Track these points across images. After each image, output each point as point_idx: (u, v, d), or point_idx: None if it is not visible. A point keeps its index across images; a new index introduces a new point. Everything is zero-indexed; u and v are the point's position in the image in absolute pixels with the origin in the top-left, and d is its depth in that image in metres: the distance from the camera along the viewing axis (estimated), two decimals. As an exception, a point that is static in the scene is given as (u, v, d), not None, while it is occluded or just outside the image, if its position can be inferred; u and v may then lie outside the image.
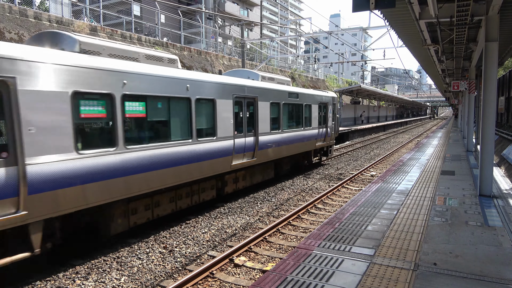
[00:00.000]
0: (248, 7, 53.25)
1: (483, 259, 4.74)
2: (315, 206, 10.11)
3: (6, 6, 14.95)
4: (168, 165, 7.68)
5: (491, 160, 7.94)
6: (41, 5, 20.63)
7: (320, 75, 49.18)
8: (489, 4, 7.33)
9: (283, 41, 70.73)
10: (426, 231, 5.88)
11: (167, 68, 7.90)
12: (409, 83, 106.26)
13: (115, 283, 5.73)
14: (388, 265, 4.62)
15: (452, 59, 14.57)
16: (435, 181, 9.97)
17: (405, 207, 7.34)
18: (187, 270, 6.21)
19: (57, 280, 5.80)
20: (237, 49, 33.55)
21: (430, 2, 6.69)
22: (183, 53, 24.29)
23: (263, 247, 7.30)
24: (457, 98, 36.45)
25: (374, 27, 20.29)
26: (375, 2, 5.54)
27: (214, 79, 9.24)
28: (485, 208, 7.17)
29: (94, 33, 18.37)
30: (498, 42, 7.66)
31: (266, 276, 4.36)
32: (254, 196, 11.23)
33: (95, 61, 6.32)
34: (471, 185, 9.27)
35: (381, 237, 5.64)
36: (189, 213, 9.43)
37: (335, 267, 4.59)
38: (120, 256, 6.71)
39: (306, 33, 31.04)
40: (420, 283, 4.12)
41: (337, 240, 5.55)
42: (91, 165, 6.13)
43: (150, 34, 26.12)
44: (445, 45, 11.20)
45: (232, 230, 8.23)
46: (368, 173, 15.26)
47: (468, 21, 7.95)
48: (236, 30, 38.80)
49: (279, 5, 78.28)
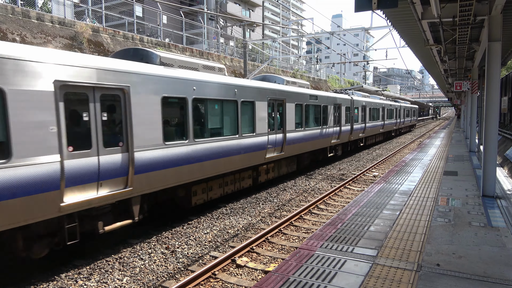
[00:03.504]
0: (250, 7, 53.29)
1: (486, 260, 4.71)
2: (317, 207, 10.09)
3: (9, 7, 15.00)
4: (222, 156, 9.37)
5: (494, 161, 7.90)
6: (43, 6, 20.71)
7: (322, 75, 49.11)
8: (492, 4, 7.30)
9: (285, 42, 70.74)
10: (429, 231, 5.85)
11: (220, 75, 9.55)
12: (411, 84, 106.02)
13: (117, 284, 5.73)
14: (391, 266, 4.60)
15: (455, 59, 14.51)
16: (438, 181, 9.94)
17: (408, 208, 7.31)
18: (189, 271, 6.21)
19: (59, 281, 5.81)
20: (239, 49, 33.55)
21: (432, 2, 6.66)
22: (185, 53, 24.32)
23: (265, 247, 7.29)
24: (459, 98, 36.32)
25: (376, 27, 20.23)
26: (377, 2, 5.52)
27: (254, 84, 10.95)
28: (488, 208, 7.13)
29: (97, 34, 18.42)
30: (501, 42, 7.63)
31: (268, 277, 4.35)
32: (256, 196, 11.22)
33: (175, 72, 7.97)
34: (474, 186, 9.23)
35: (383, 237, 5.62)
36: (191, 213, 9.43)
37: (338, 268, 4.58)
38: (122, 257, 6.72)
39: (308, 33, 31.01)
40: (423, 284, 4.09)
41: (339, 240, 5.53)
42: (172, 153, 7.81)
43: (152, 35, 26.16)
44: (448, 45, 11.16)
45: (234, 230, 8.23)
46: (371, 173, 15.22)
47: (471, 21, 7.91)
48: (238, 30, 38.82)
49: (281, 5, 78.28)
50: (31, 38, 15.08)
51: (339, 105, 18.02)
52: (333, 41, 28.21)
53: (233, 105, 9.87)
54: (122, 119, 6.76)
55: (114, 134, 6.66)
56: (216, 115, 9.29)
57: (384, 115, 27.59)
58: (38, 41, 15.27)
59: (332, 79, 52.04)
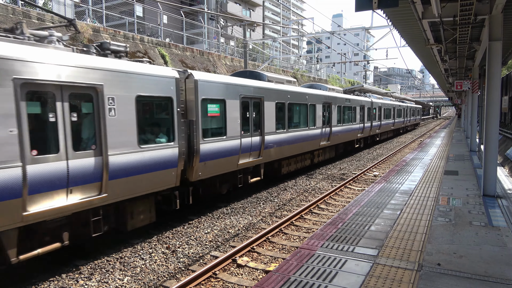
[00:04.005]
0: (250, 7, 53.27)
1: (487, 260, 4.71)
2: (318, 207, 10.09)
3: (9, 7, 15.01)
4: (300, 141, 13.76)
5: (495, 160, 7.90)
6: (44, 6, 20.70)
7: (323, 75, 49.08)
8: (492, 3, 7.29)
9: (285, 41, 70.67)
10: (429, 231, 5.85)
11: (297, 87, 14.34)
12: (411, 83, 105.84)
13: (118, 283, 5.74)
14: (392, 265, 4.60)
15: (455, 58, 14.49)
16: (439, 181, 9.93)
17: (409, 207, 7.31)
18: (190, 271, 6.21)
19: (60, 280, 5.82)
20: (239, 49, 33.55)
21: (433, 2, 6.66)
22: (186, 53, 24.32)
23: (266, 247, 7.29)
24: (460, 97, 36.26)
25: (377, 27, 20.21)
26: (378, 2, 5.51)
27: (316, 92, 15.45)
28: (489, 208, 7.13)
29: (97, 34, 18.42)
30: (501, 42, 7.61)
31: (269, 277, 4.35)
32: (257, 196, 11.23)
33: (281, 86, 12.54)
34: (475, 185, 9.22)
35: (384, 237, 5.62)
36: (191, 213, 9.43)
37: (339, 267, 4.58)
38: (123, 257, 6.72)
39: (308, 33, 30.98)
40: (424, 283, 4.09)
41: (340, 240, 5.53)
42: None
43: (153, 35, 26.15)
44: (448, 44, 11.14)
45: (235, 230, 8.23)
46: (371, 173, 15.21)
47: (471, 21, 7.90)
48: (238, 30, 38.80)
49: (281, 5, 78.23)
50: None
51: (363, 106, 22.27)
52: (334, 40, 28.33)
53: (305, 106, 14.24)
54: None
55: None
56: (297, 113, 13.73)
57: (394, 114, 32.05)
58: (39, 41, 15.28)
59: (332, 78, 51.99)
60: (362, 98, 22.60)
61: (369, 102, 23.59)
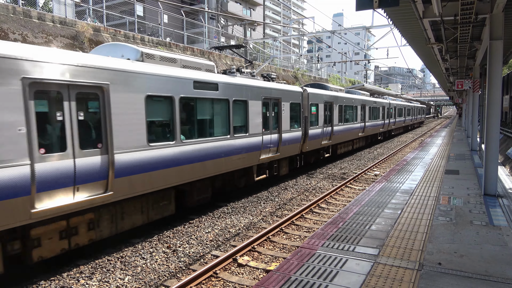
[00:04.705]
0: (251, 6, 53.19)
1: (488, 259, 4.70)
2: (318, 206, 10.09)
3: (10, 7, 15.02)
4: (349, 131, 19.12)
5: (496, 159, 7.89)
6: (44, 6, 20.72)
7: (323, 74, 49.05)
8: (493, 2, 7.27)
9: (286, 41, 70.63)
10: (430, 230, 5.85)
11: (352, 94, 20.93)
12: (412, 82, 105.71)
13: (119, 283, 5.75)
14: (393, 264, 4.60)
15: (456, 57, 14.46)
16: (439, 180, 9.92)
17: (409, 207, 7.30)
18: (191, 270, 6.22)
19: (61, 280, 5.83)
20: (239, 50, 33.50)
21: (434, 1, 6.65)
22: (186, 53, 24.32)
23: (267, 246, 7.29)
24: (461, 97, 36.23)
25: (378, 26, 20.20)
26: (379, 1, 5.50)
27: (361, 97, 21.15)
28: (490, 207, 7.12)
29: (98, 33, 18.43)
30: (502, 41, 7.60)
31: (269, 276, 4.35)
32: (257, 195, 11.23)
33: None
34: (476, 185, 9.21)
35: (385, 236, 5.62)
36: (192, 212, 9.44)
37: (339, 267, 4.58)
38: (124, 256, 6.73)
39: (309, 32, 30.95)
40: (424, 283, 4.09)
41: (341, 239, 5.53)
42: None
43: (153, 34, 26.16)
44: (449, 43, 11.13)
45: (236, 229, 8.23)
46: (372, 172, 15.20)
47: (472, 20, 7.88)
48: (239, 30, 38.77)
49: (281, 4, 78.17)
50: (32, 38, 15.09)
51: (384, 106, 27.58)
52: (334, 40, 28.52)
53: (355, 107, 19.69)
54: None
55: None
56: (352, 112, 19.21)
57: (405, 113, 37.52)
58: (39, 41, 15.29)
59: (333, 78, 51.95)
60: (383, 100, 28.05)
61: (387, 103, 28.82)
